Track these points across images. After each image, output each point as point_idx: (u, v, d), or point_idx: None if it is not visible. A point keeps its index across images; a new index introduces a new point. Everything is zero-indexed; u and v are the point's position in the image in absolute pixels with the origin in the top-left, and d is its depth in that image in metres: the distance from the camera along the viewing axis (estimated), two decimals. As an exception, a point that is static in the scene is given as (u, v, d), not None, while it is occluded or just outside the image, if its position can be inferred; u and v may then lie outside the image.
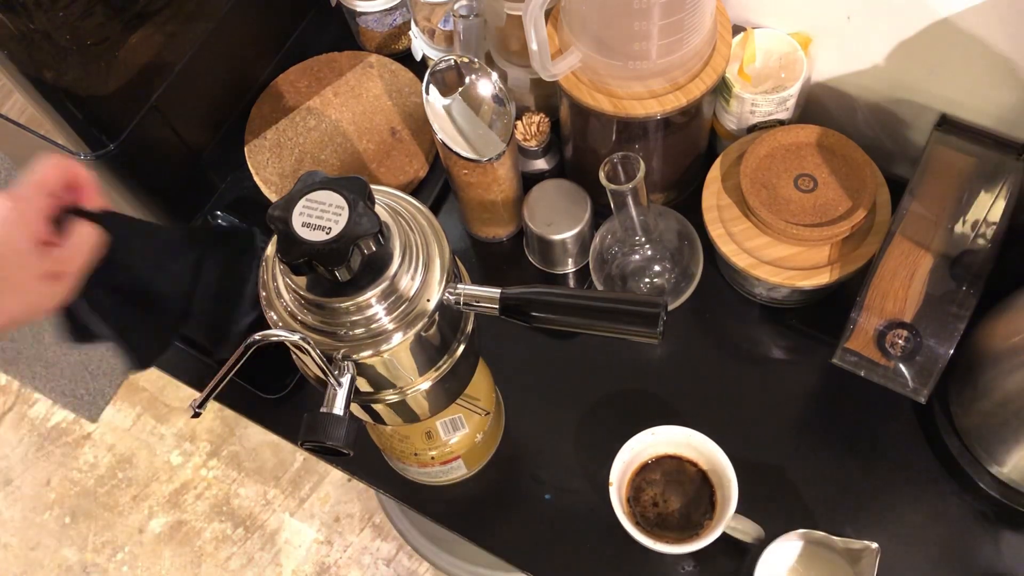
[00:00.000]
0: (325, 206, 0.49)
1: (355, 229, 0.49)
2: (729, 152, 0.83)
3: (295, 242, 0.49)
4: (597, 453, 0.79)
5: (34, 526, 1.71)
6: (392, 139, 0.97)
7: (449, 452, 0.77)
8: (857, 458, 0.81)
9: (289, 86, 1.01)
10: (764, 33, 0.83)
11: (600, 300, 0.59)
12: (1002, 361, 0.70)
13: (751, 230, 0.79)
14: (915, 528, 0.78)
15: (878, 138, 0.88)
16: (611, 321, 0.57)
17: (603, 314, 0.57)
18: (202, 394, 0.54)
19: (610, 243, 0.83)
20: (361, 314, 0.52)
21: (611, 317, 0.57)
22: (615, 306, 0.57)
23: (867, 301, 0.73)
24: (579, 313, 0.57)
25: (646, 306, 0.55)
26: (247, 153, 0.98)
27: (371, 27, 1.01)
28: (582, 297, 0.59)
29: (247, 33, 0.97)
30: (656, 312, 0.55)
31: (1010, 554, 0.76)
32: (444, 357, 0.60)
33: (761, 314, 0.87)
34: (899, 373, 0.73)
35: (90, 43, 0.80)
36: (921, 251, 0.74)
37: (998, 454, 0.74)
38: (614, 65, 0.74)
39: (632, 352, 0.88)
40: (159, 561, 1.65)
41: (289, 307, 0.54)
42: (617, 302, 0.58)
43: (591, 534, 0.80)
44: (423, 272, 0.54)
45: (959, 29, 0.73)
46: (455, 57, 0.77)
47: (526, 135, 0.88)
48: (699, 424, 0.76)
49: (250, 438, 1.74)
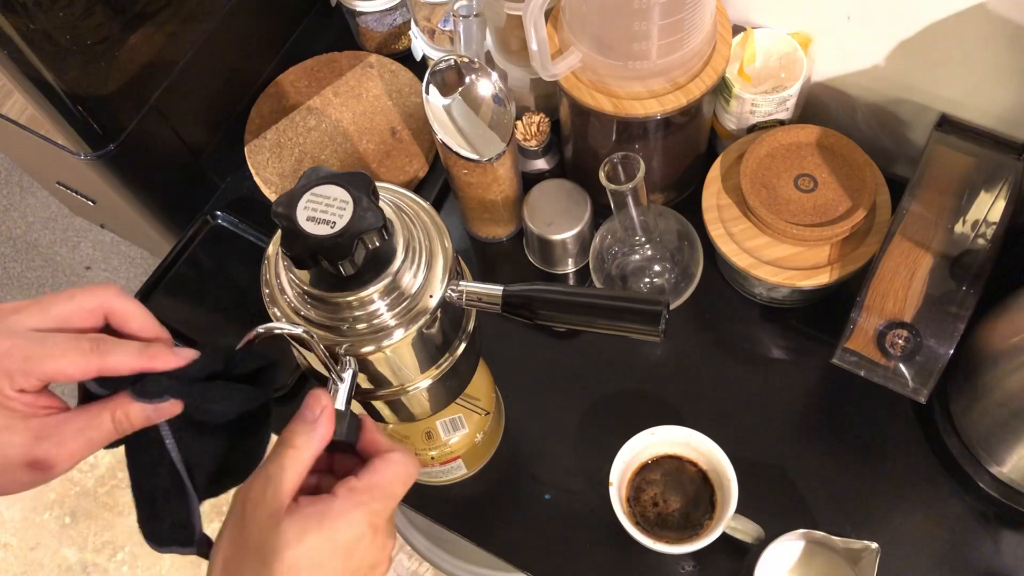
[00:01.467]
0: (330, 200, 0.50)
1: (360, 223, 0.49)
2: (729, 152, 0.83)
3: (300, 236, 0.49)
4: (597, 453, 0.79)
5: (34, 526, 1.71)
6: (392, 139, 0.97)
7: (449, 452, 0.77)
8: (857, 458, 0.81)
9: (289, 86, 1.01)
10: (764, 33, 0.83)
11: (603, 298, 0.59)
12: (1002, 361, 0.70)
13: (751, 230, 0.79)
14: (915, 528, 0.78)
15: (878, 138, 0.88)
16: (613, 319, 0.57)
17: (606, 312, 0.57)
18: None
19: (610, 243, 0.83)
20: (364, 309, 0.52)
21: (613, 315, 0.57)
22: (617, 304, 0.57)
23: (867, 301, 0.73)
24: (581, 311, 0.57)
25: (648, 304, 0.55)
26: (247, 153, 0.98)
27: (371, 27, 1.01)
28: (584, 295, 0.59)
29: (247, 33, 0.97)
30: (658, 310, 0.55)
31: (1010, 554, 0.76)
32: (445, 355, 0.60)
33: (761, 314, 0.87)
34: (899, 373, 0.73)
35: (90, 43, 0.80)
36: (921, 251, 0.74)
37: (998, 454, 0.74)
38: (614, 65, 0.74)
39: (632, 352, 0.88)
40: (159, 561, 1.65)
41: (292, 302, 0.54)
42: (619, 300, 0.58)
43: (591, 534, 0.80)
44: (426, 268, 0.54)
45: (959, 29, 0.73)
46: (455, 57, 0.77)
47: (526, 135, 0.88)
48: (699, 424, 0.76)
49: (250, 438, 1.74)
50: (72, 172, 1.14)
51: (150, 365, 0.48)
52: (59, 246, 1.94)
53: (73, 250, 1.93)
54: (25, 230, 1.96)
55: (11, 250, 1.94)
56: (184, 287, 0.95)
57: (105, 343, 0.48)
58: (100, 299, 0.50)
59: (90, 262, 1.92)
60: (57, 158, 0.93)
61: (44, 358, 0.46)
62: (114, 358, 0.48)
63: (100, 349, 0.47)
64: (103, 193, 1.12)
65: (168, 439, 0.51)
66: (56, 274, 1.91)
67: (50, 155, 0.95)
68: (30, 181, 1.98)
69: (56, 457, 0.47)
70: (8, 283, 1.91)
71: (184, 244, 0.97)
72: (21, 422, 0.47)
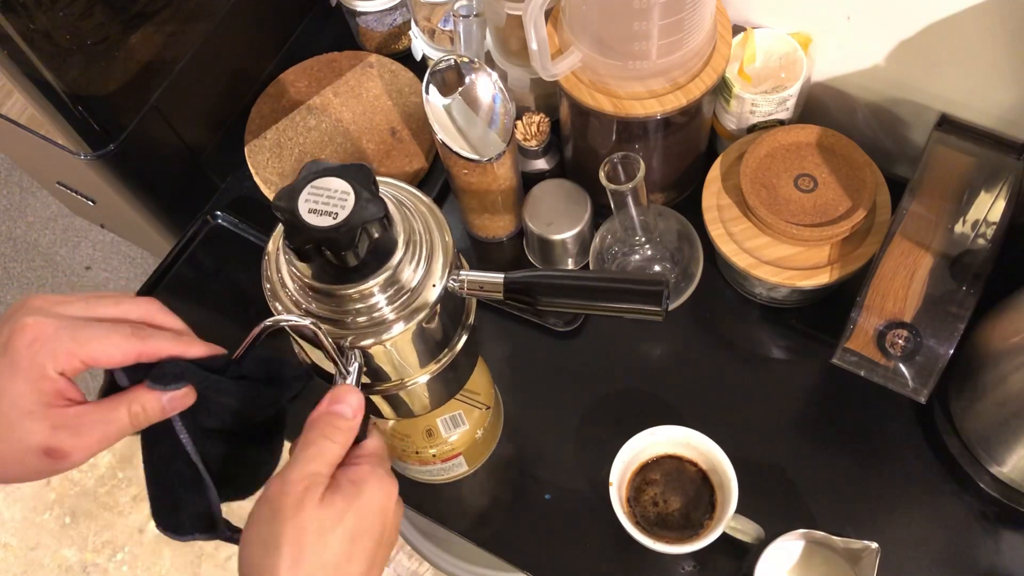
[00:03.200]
0: (331, 192, 0.50)
1: (362, 213, 0.49)
2: (729, 152, 0.83)
3: (302, 228, 0.49)
4: (597, 453, 0.79)
5: (34, 526, 1.71)
6: (392, 139, 0.97)
7: (450, 449, 0.77)
8: (857, 458, 0.81)
9: (289, 86, 1.01)
10: (764, 33, 0.83)
11: (604, 280, 0.59)
12: (1002, 361, 0.70)
13: (751, 230, 0.79)
14: (915, 528, 0.78)
15: (878, 138, 0.88)
16: (616, 301, 0.57)
17: (608, 294, 0.57)
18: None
19: (610, 243, 0.83)
20: (365, 302, 0.53)
21: (616, 297, 0.57)
22: (620, 286, 0.57)
23: (867, 301, 0.73)
24: (584, 294, 0.57)
25: (650, 284, 0.56)
26: (247, 153, 0.98)
27: (371, 27, 1.01)
28: (586, 278, 0.59)
29: (247, 33, 0.98)
30: (660, 290, 0.55)
31: (1010, 554, 0.76)
32: (445, 349, 0.60)
33: (761, 314, 0.87)
34: (899, 373, 0.73)
35: (90, 43, 0.80)
36: (921, 251, 0.74)
37: (998, 454, 0.74)
38: (614, 65, 0.74)
39: (632, 352, 0.88)
40: (159, 561, 1.65)
41: (293, 296, 0.54)
42: (621, 282, 0.58)
43: (591, 534, 0.80)
44: (426, 261, 0.54)
45: (959, 29, 0.73)
46: (455, 57, 0.77)
47: (526, 135, 0.88)
48: (699, 424, 0.76)
49: (250, 438, 1.74)
50: (72, 172, 1.14)
51: (185, 351, 0.51)
52: (59, 246, 1.94)
53: (73, 250, 1.93)
54: (25, 230, 1.96)
55: (11, 250, 1.94)
56: (184, 287, 0.95)
57: (144, 329, 0.51)
58: (144, 310, 0.52)
59: (90, 262, 1.92)
60: (57, 158, 0.93)
61: (90, 339, 0.48)
62: (154, 342, 0.50)
63: (140, 334, 0.50)
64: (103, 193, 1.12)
65: (183, 434, 0.52)
66: (56, 274, 1.91)
67: (50, 155, 0.95)
68: (30, 181, 1.98)
69: (72, 447, 0.49)
70: (8, 283, 1.91)
71: (184, 244, 0.97)
72: (43, 409, 0.48)
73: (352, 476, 0.49)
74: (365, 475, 0.49)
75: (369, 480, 0.49)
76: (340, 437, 0.49)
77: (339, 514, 0.47)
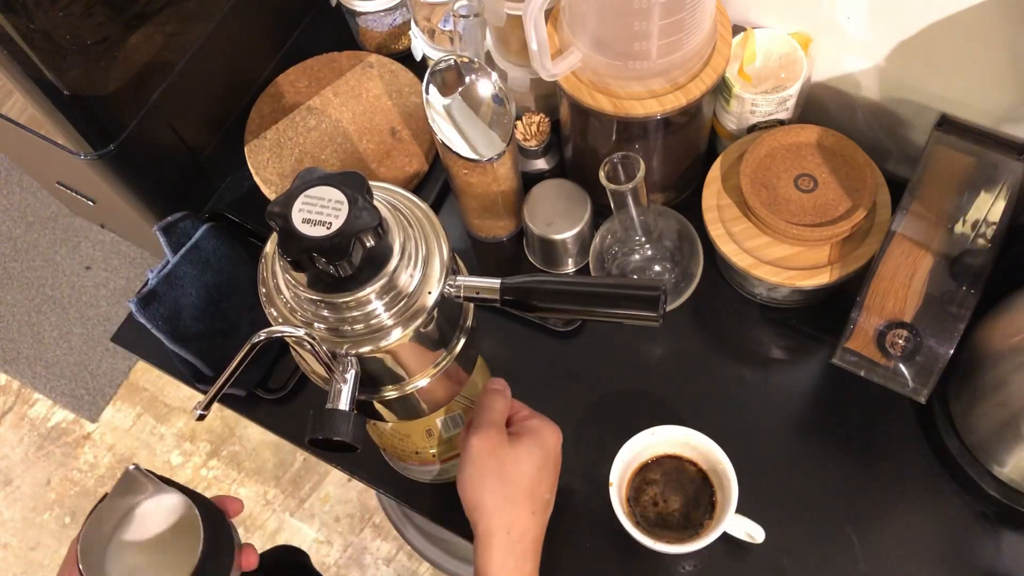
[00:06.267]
0: (324, 201, 0.50)
1: (356, 223, 0.49)
2: (729, 152, 0.83)
3: (296, 238, 0.49)
4: (597, 453, 0.79)
5: (34, 526, 1.71)
6: (392, 139, 0.97)
7: (450, 449, 0.77)
8: (857, 458, 0.81)
9: (289, 86, 1.01)
10: (764, 33, 0.83)
11: (601, 286, 0.59)
12: (1002, 361, 0.70)
13: (751, 230, 0.79)
14: (915, 528, 0.78)
15: (878, 138, 0.88)
16: (613, 306, 0.57)
17: (605, 299, 0.57)
18: (207, 396, 0.54)
19: (610, 243, 0.83)
20: (361, 310, 0.52)
21: (612, 302, 0.57)
22: (616, 291, 0.57)
23: (867, 301, 0.73)
24: (581, 300, 0.57)
25: (647, 290, 0.55)
26: (247, 153, 0.98)
27: (371, 27, 1.01)
28: (583, 283, 0.59)
29: (247, 33, 0.97)
30: (656, 295, 0.55)
31: (1010, 554, 0.76)
32: (444, 353, 0.60)
33: (761, 314, 0.87)
34: (899, 373, 0.73)
35: (90, 43, 0.80)
36: (921, 251, 0.74)
37: (998, 454, 0.74)
38: (614, 65, 0.74)
39: (632, 352, 0.88)
40: (159, 561, 1.65)
41: (289, 303, 0.54)
42: (618, 287, 0.58)
43: (591, 534, 0.80)
44: (422, 266, 0.54)
45: (959, 29, 0.73)
46: (455, 57, 0.77)
47: (526, 135, 0.88)
48: (699, 424, 0.76)
49: (250, 438, 1.74)
50: (72, 172, 1.14)
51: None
52: (59, 246, 1.94)
53: (73, 250, 1.93)
54: (25, 230, 1.96)
55: (11, 250, 1.94)
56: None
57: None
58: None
59: (90, 262, 1.92)
60: (57, 158, 0.93)
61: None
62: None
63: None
64: (103, 193, 1.12)
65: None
66: (56, 274, 1.91)
67: (50, 155, 0.95)
68: (30, 181, 1.98)
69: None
70: (8, 283, 1.92)
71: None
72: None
73: (530, 426, 0.67)
74: (538, 424, 0.67)
75: (543, 426, 0.67)
76: (500, 403, 0.67)
77: (528, 451, 0.65)
